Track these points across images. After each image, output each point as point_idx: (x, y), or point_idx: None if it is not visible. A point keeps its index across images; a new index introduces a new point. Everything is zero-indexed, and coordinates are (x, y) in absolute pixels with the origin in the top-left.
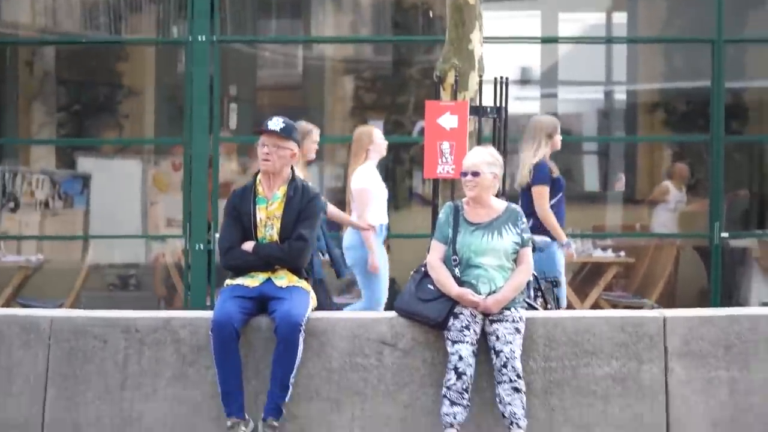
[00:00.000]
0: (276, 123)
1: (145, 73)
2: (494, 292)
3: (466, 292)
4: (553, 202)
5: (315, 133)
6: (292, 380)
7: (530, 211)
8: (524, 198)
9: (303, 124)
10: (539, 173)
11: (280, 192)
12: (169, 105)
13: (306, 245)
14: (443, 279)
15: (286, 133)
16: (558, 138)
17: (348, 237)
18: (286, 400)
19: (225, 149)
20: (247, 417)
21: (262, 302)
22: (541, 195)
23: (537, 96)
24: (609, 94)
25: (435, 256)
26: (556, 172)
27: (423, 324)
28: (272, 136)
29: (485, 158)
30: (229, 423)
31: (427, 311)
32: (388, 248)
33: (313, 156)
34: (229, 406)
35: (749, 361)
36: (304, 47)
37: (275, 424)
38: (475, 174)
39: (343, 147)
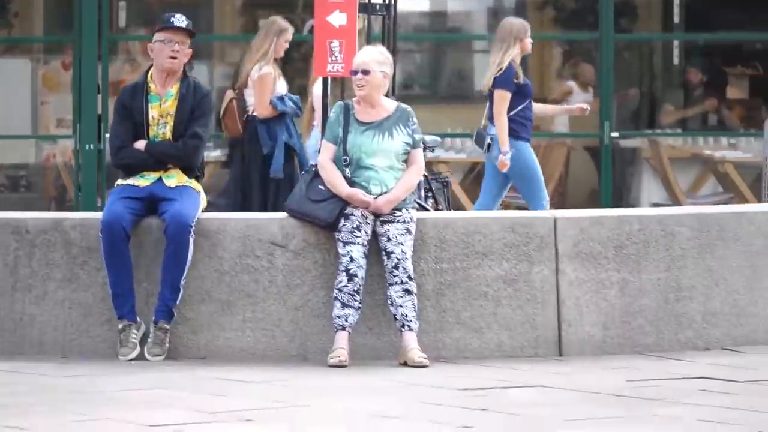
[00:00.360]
0: (181, 20)
1: None
2: (385, 193)
3: (357, 192)
4: (521, 107)
5: (289, 32)
6: (182, 282)
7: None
8: (489, 101)
9: (279, 21)
10: (503, 77)
11: (173, 89)
12: (58, 3)
13: (201, 143)
14: (334, 179)
15: (192, 30)
16: (528, 41)
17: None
18: (178, 302)
19: (115, 48)
20: (138, 320)
21: (152, 203)
22: (502, 99)
23: None
24: None
25: (326, 156)
26: (521, 78)
27: (314, 225)
28: (179, 33)
29: (375, 57)
30: (120, 326)
31: (317, 212)
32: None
33: (281, 54)
34: (120, 308)
35: (640, 262)
36: None
37: (167, 326)
38: (366, 72)
39: (232, 46)
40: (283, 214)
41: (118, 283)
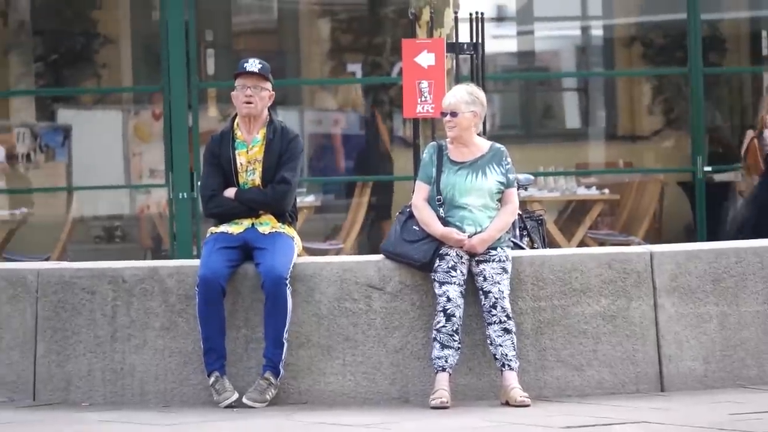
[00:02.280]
0: (253, 64)
1: (120, 21)
2: (480, 232)
3: (451, 231)
4: None
5: None
6: (285, 336)
7: None
8: None
9: None
10: None
11: (260, 135)
12: (146, 52)
13: (289, 188)
14: (427, 219)
15: (265, 73)
16: None
17: None
18: (283, 357)
19: (204, 96)
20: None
21: (246, 249)
22: None
23: (513, 33)
24: (585, 30)
25: (419, 196)
26: None
27: (409, 266)
28: (252, 78)
29: (463, 97)
30: (212, 379)
31: (412, 252)
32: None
33: None
34: (212, 364)
35: (738, 295)
36: None
37: (272, 380)
38: (454, 114)
39: (321, 90)
40: (379, 257)
41: (210, 338)
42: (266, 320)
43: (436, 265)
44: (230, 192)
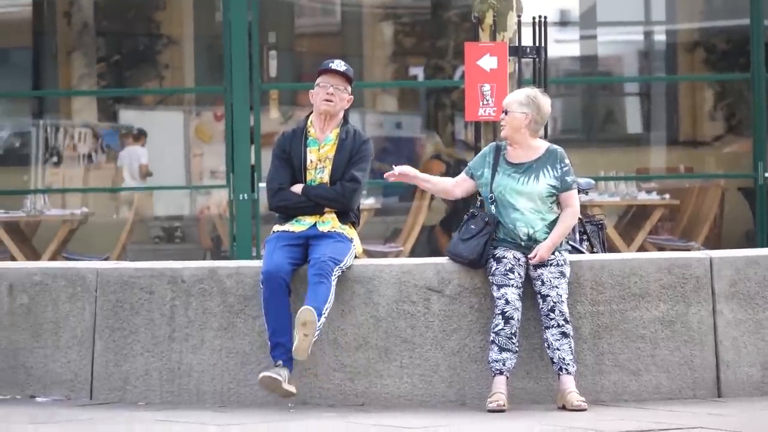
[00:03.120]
0: (339, 64)
1: (183, 22)
2: (533, 234)
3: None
4: None
5: None
6: (325, 313)
7: None
8: None
9: None
10: None
11: (333, 134)
12: (208, 54)
13: (358, 186)
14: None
15: (349, 75)
16: None
17: None
18: (320, 329)
19: (266, 98)
20: (291, 369)
21: (308, 248)
22: None
23: (576, 38)
24: (648, 35)
25: (455, 178)
26: None
27: (463, 265)
28: (336, 77)
29: (518, 98)
30: (277, 363)
31: (462, 250)
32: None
33: None
34: (279, 357)
35: None
36: None
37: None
38: (506, 112)
39: (384, 94)
40: (438, 259)
41: (277, 332)
42: (308, 297)
43: (494, 268)
44: (297, 187)
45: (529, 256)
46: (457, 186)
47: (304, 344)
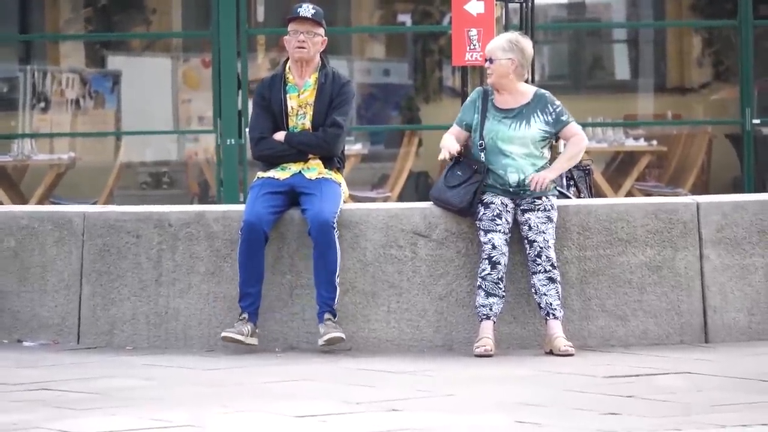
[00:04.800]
0: (307, 9)
1: None
2: (522, 180)
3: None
4: None
5: None
6: (337, 279)
7: None
8: None
9: None
10: None
11: (312, 79)
12: None
13: (341, 131)
14: (444, 139)
15: (318, 19)
16: None
17: None
18: (336, 299)
19: (254, 43)
20: (255, 323)
21: (293, 195)
22: None
23: None
24: None
25: (449, 132)
26: None
27: (451, 212)
28: (305, 23)
29: (501, 44)
30: (241, 316)
31: (451, 197)
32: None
33: None
34: (246, 308)
35: None
36: None
37: (332, 319)
38: (491, 60)
39: (371, 40)
40: (425, 204)
41: (248, 283)
42: (316, 265)
43: (481, 213)
44: (280, 135)
45: (527, 182)
46: (458, 141)
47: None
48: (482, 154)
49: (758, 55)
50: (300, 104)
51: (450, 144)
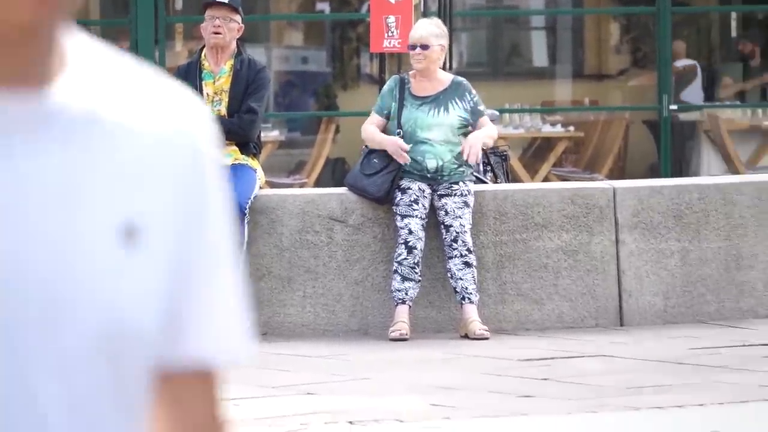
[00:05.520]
0: None
1: None
2: (442, 167)
3: (393, 139)
4: None
5: None
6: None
7: None
8: None
9: None
10: None
11: (227, 66)
12: None
13: (256, 117)
14: (372, 134)
15: (234, 5)
16: None
17: None
18: None
19: (172, 32)
20: None
21: None
22: None
23: None
24: None
25: (369, 122)
26: None
27: (368, 199)
28: (221, 9)
29: (433, 30)
30: None
31: (369, 186)
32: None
33: None
34: None
35: (700, 231)
36: None
37: None
38: (424, 47)
39: (289, 27)
40: (341, 189)
41: None
42: None
43: (398, 198)
44: None
45: (462, 150)
46: (379, 129)
47: None
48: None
49: (676, 42)
50: (215, 91)
51: (395, 142)
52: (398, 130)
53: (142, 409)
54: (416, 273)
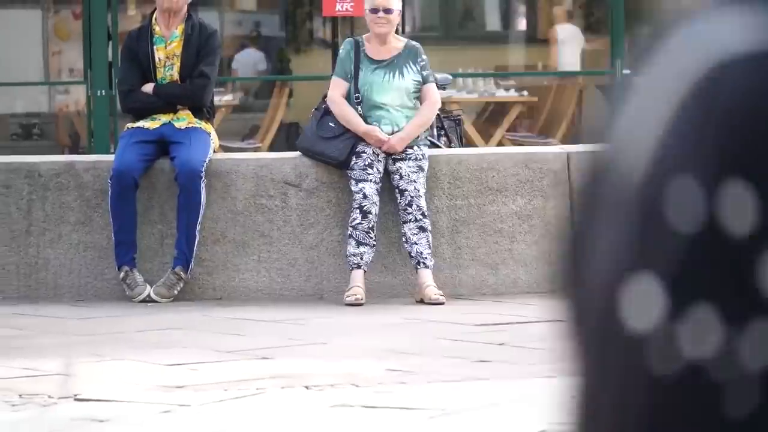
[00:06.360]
0: None
1: None
2: (396, 132)
3: (374, 129)
4: None
5: None
6: (198, 228)
7: None
8: None
9: None
10: None
11: (178, 30)
12: None
13: (208, 82)
14: (348, 115)
15: None
16: None
17: None
18: (194, 249)
19: None
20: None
21: (163, 145)
22: None
23: None
24: None
25: (337, 92)
26: None
27: (326, 164)
28: None
29: None
30: (121, 274)
31: (329, 150)
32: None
33: None
34: (122, 257)
35: None
36: None
37: (181, 274)
38: (387, 11)
39: None
40: (295, 154)
41: (122, 231)
42: (179, 213)
43: (352, 162)
44: (148, 87)
45: (383, 148)
46: (343, 95)
47: (174, 291)
48: (359, 107)
49: (627, 5)
50: (167, 55)
51: (376, 136)
52: (356, 95)
53: None
54: (371, 237)
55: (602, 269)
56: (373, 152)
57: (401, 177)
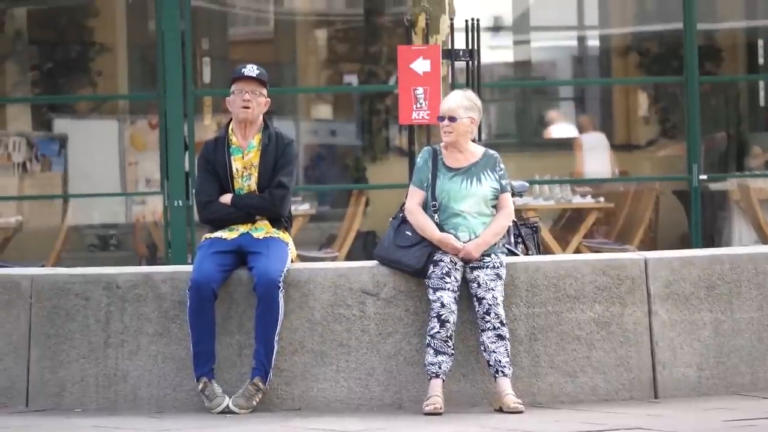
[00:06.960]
0: (252, 69)
1: (116, 30)
2: (473, 239)
3: (448, 237)
4: None
5: None
6: (276, 339)
7: None
8: None
9: None
10: None
11: (255, 140)
12: (142, 62)
13: (287, 192)
14: (423, 224)
15: (263, 79)
16: None
17: None
18: (273, 361)
19: (200, 105)
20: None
21: (241, 255)
22: None
23: (510, 44)
24: (582, 39)
25: (413, 201)
26: None
27: (403, 272)
28: (250, 82)
29: (462, 102)
30: (200, 385)
31: (406, 258)
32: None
33: None
34: (200, 367)
35: (732, 301)
36: (275, 1)
37: (260, 385)
38: (452, 119)
39: (317, 100)
40: (373, 262)
41: (200, 342)
42: (257, 323)
43: (430, 271)
44: (226, 198)
45: (460, 247)
46: (420, 204)
47: (252, 402)
48: (435, 215)
49: (704, 111)
50: (245, 166)
51: (452, 244)
52: (433, 203)
53: None
54: (449, 346)
55: None
56: (451, 260)
57: (479, 285)
